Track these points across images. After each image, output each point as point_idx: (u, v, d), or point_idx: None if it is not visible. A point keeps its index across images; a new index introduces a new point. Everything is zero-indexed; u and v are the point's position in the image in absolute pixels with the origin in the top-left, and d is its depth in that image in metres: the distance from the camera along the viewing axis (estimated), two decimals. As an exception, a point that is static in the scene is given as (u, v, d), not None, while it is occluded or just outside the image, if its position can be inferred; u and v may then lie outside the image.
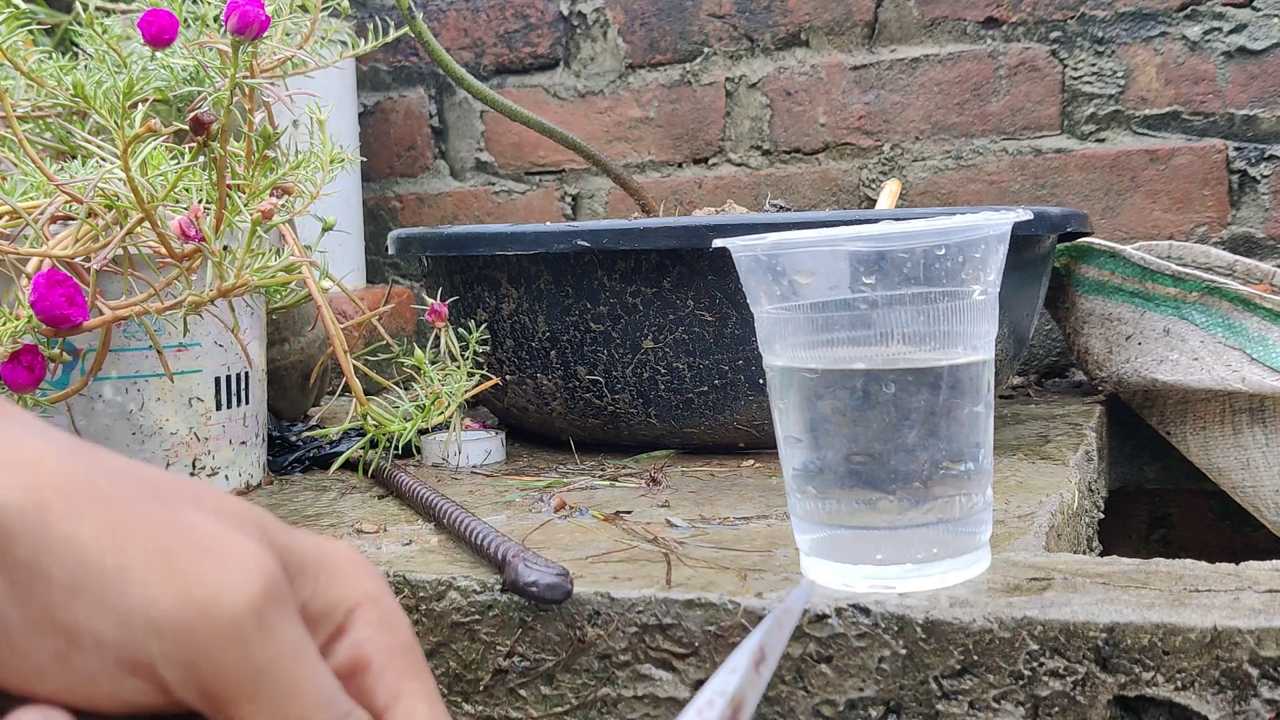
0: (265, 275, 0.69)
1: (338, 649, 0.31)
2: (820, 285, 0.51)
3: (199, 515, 0.29)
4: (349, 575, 0.31)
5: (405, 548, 0.63)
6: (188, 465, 0.77)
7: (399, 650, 0.31)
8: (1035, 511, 0.66)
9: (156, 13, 0.68)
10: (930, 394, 0.50)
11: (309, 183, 0.78)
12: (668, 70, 1.41)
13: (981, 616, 0.49)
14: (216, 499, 0.30)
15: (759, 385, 0.83)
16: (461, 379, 0.81)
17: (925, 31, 1.31)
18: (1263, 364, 0.93)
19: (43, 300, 0.62)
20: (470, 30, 1.49)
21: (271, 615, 0.28)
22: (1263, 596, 0.48)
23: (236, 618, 0.27)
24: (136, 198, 0.65)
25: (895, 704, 0.50)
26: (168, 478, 0.30)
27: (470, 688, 0.56)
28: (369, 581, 0.32)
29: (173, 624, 0.27)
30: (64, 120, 0.80)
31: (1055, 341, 1.28)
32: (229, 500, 0.31)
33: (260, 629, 0.27)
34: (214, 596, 0.27)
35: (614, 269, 0.83)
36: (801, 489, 0.53)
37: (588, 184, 1.47)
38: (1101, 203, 1.26)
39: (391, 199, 1.55)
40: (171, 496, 0.29)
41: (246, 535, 0.29)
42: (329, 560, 0.31)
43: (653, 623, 0.53)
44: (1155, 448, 1.16)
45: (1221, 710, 0.46)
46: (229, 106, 0.67)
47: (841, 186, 1.36)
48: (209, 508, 0.30)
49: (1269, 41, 1.20)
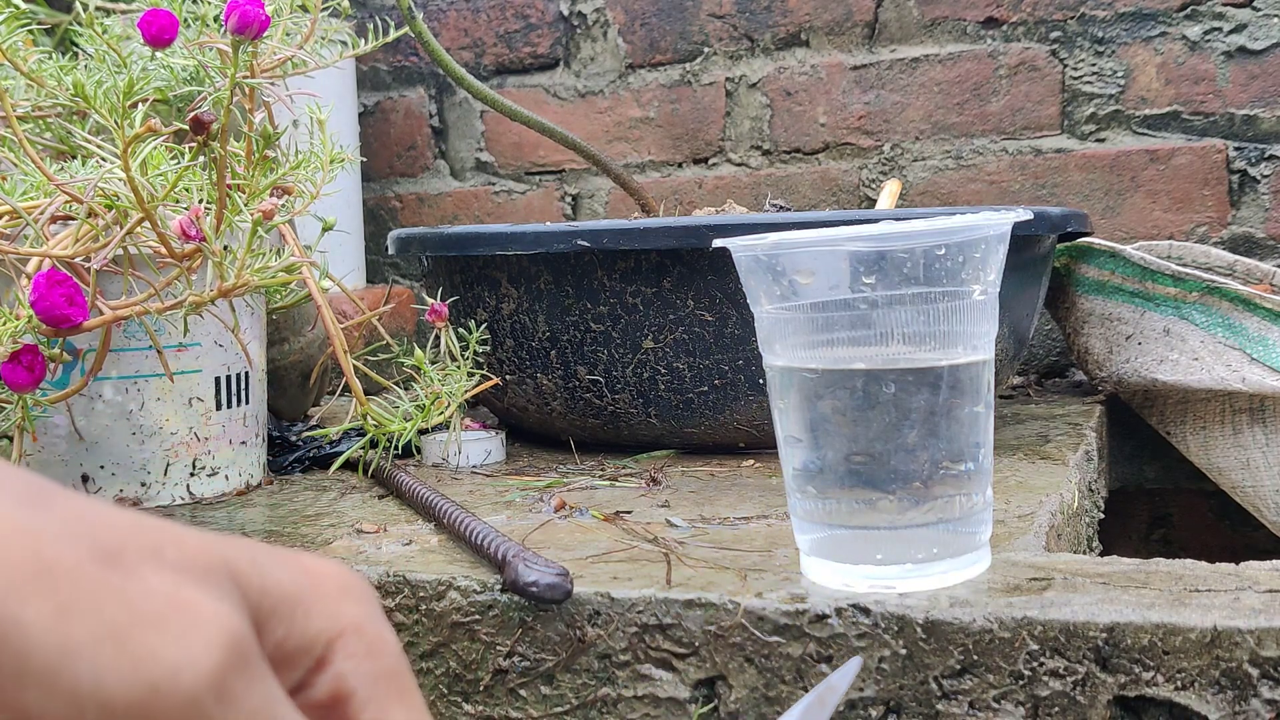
0: (265, 275, 0.69)
1: (319, 682, 0.30)
2: (820, 285, 0.51)
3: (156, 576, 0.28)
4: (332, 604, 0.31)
5: (405, 548, 0.63)
6: (187, 465, 0.77)
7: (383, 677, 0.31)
8: (1035, 511, 0.66)
9: (156, 13, 0.68)
10: (930, 394, 0.50)
11: (309, 183, 0.78)
12: (668, 70, 1.41)
13: (981, 616, 0.48)
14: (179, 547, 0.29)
15: (759, 385, 0.83)
16: (461, 379, 0.81)
17: (925, 31, 1.31)
18: (1263, 364, 0.93)
19: (43, 300, 0.62)
20: (470, 30, 1.49)
21: (235, 684, 0.27)
22: (1263, 596, 0.48)
23: (194, 695, 0.26)
24: (136, 198, 0.65)
25: (895, 704, 0.50)
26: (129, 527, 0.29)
27: (470, 688, 0.56)
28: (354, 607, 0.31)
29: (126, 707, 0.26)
30: (64, 120, 0.80)
31: (1055, 341, 1.28)
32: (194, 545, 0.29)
33: (220, 702, 0.26)
34: (169, 675, 0.26)
35: (614, 269, 0.83)
36: (801, 489, 0.53)
37: (588, 184, 1.47)
38: (1101, 203, 1.26)
39: (391, 199, 1.55)
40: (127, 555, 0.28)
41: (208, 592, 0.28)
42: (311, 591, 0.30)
43: (653, 623, 0.53)
44: (1155, 448, 1.16)
45: (1221, 710, 0.46)
46: (229, 106, 0.67)
47: (841, 186, 1.36)
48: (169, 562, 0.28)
49: (1269, 41, 1.20)
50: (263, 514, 0.74)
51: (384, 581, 0.58)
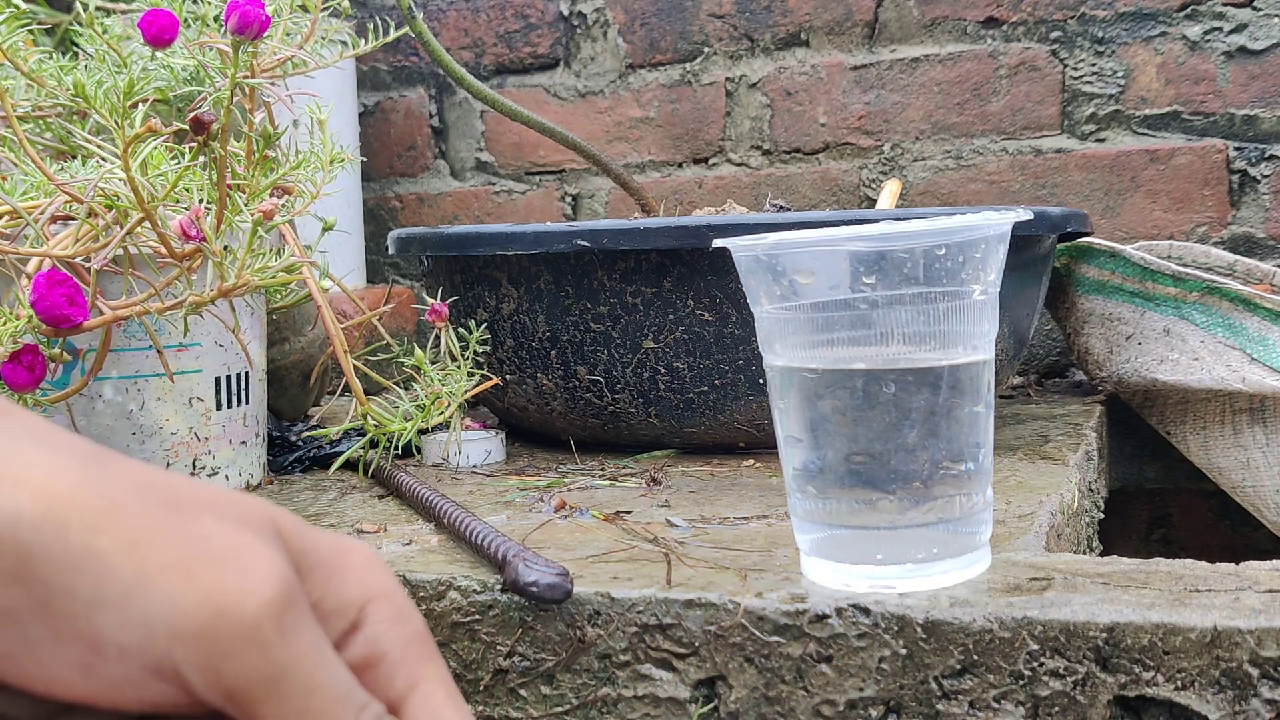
0: (266, 275, 0.69)
1: (353, 644, 0.32)
2: (820, 285, 0.51)
3: (215, 522, 0.30)
4: (362, 572, 0.32)
5: (405, 548, 0.63)
6: (188, 465, 0.77)
7: (413, 640, 0.32)
8: (1035, 511, 0.66)
9: (156, 13, 0.68)
10: (930, 394, 0.50)
11: (309, 183, 0.78)
12: (668, 70, 1.41)
13: (981, 616, 0.49)
14: (232, 503, 0.31)
15: (759, 385, 0.83)
16: (461, 379, 0.81)
17: (925, 31, 1.31)
18: (1263, 364, 0.93)
19: (43, 300, 0.62)
20: (470, 30, 1.49)
21: (289, 618, 0.29)
22: (1263, 596, 0.48)
23: (256, 622, 0.28)
24: (137, 198, 0.65)
25: (895, 704, 0.50)
26: (183, 484, 0.31)
27: (470, 688, 0.56)
28: (381, 577, 0.33)
29: (195, 630, 0.28)
30: (64, 120, 0.80)
31: (1055, 341, 1.28)
32: (244, 503, 0.31)
33: (279, 631, 0.28)
34: (233, 602, 0.28)
35: (614, 269, 0.83)
36: (802, 489, 0.53)
37: (588, 184, 1.47)
38: (1101, 203, 1.26)
39: (391, 199, 1.55)
40: (187, 504, 0.30)
41: (262, 539, 0.30)
42: (342, 558, 0.32)
43: (653, 622, 0.53)
44: (1155, 448, 1.16)
45: (1221, 710, 0.46)
46: (229, 106, 0.67)
47: (842, 186, 1.36)
48: (224, 513, 0.30)
49: (1269, 41, 1.20)
50: (263, 514, 0.74)
51: (384, 581, 0.58)
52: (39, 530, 0.27)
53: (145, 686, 0.28)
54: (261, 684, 0.28)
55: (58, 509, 0.28)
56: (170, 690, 0.28)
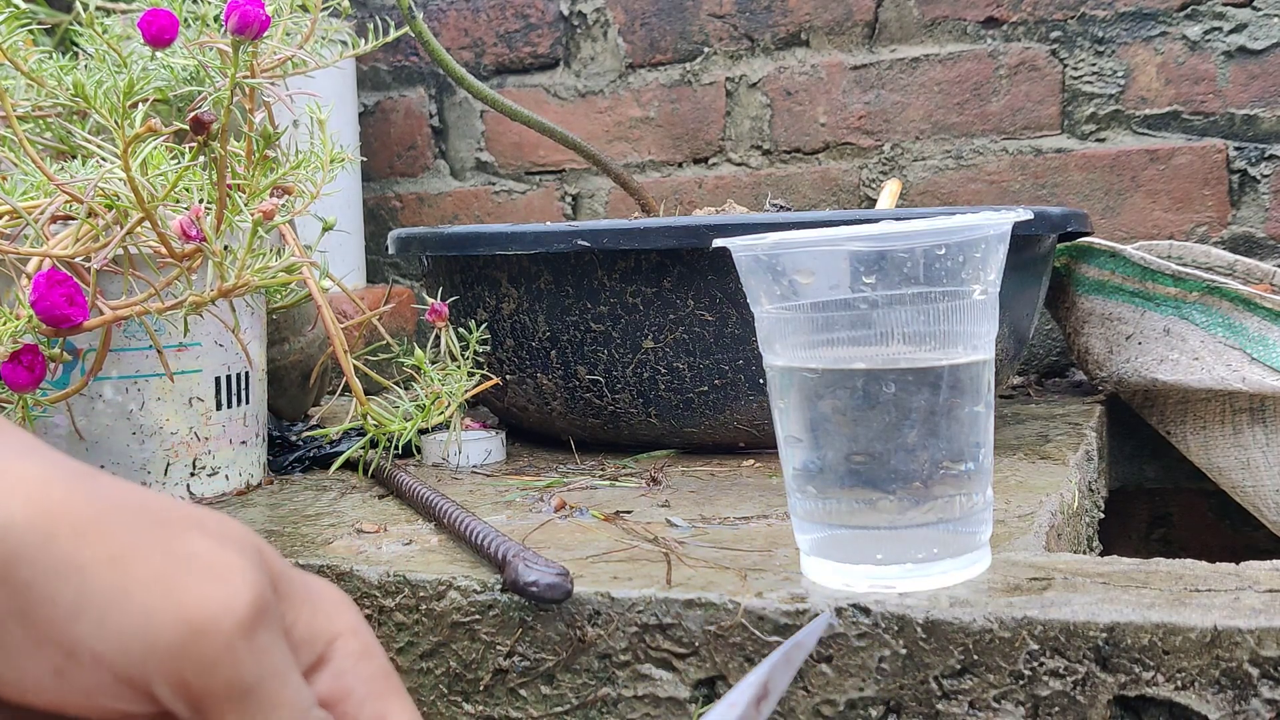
0: (266, 275, 0.69)
1: (319, 679, 0.32)
2: (820, 285, 0.51)
3: (199, 539, 0.31)
4: (331, 608, 0.33)
5: (405, 547, 0.63)
6: (188, 465, 0.77)
7: (379, 676, 0.33)
8: (1035, 511, 0.66)
9: (156, 12, 0.68)
10: (930, 394, 0.50)
11: (309, 183, 0.78)
12: (668, 70, 1.41)
13: (981, 616, 0.49)
14: (219, 523, 0.32)
15: (759, 385, 0.83)
16: (461, 379, 0.81)
17: (925, 31, 1.31)
18: (1263, 364, 0.93)
19: (43, 300, 0.62)
20: (470, 30, 1.49)
21: (262, 633, 0.30)
22: (1263, 596, 0.48)
23: (230, 637, 0.29)
24: (137, 197, 0.65)
25: (895, 704, 0.50)
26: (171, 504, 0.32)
27: (470, 687, 0.56)
28: (350, 615, 0.34)
29: (169, 645, 0.28)
30: (64, 120, 0.80)
31: (1055, 341, 1.28)
32: (230, 523, 0.32)
33: (250, 647, 0.29)
34: (210, 616, 0.29)
35: (614, 269, 0.83)
36: (802, 489, 0.53)
37: (588, 184, 1.47)
38: (1101, 202, 1.26)
39: (392, 199, 1.55)
40: (175, 522, 0.31)
41: (244, 557, 0.31)
42: (315, 593, 0.33)
43: (653, 622, 0.53)
44: (1155, 448, 1.16)
45: (1221, 710, 0.46)
46: (229, 106, 0.67)
47: (842, 186, 1.36)
48: (210, 531, 0.31)
49: (1269, 41, 1.20)
50: (263, 514, 0.74)
51: (384, 581, 0.58)
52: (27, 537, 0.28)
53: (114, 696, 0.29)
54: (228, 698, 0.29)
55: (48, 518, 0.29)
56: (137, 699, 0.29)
